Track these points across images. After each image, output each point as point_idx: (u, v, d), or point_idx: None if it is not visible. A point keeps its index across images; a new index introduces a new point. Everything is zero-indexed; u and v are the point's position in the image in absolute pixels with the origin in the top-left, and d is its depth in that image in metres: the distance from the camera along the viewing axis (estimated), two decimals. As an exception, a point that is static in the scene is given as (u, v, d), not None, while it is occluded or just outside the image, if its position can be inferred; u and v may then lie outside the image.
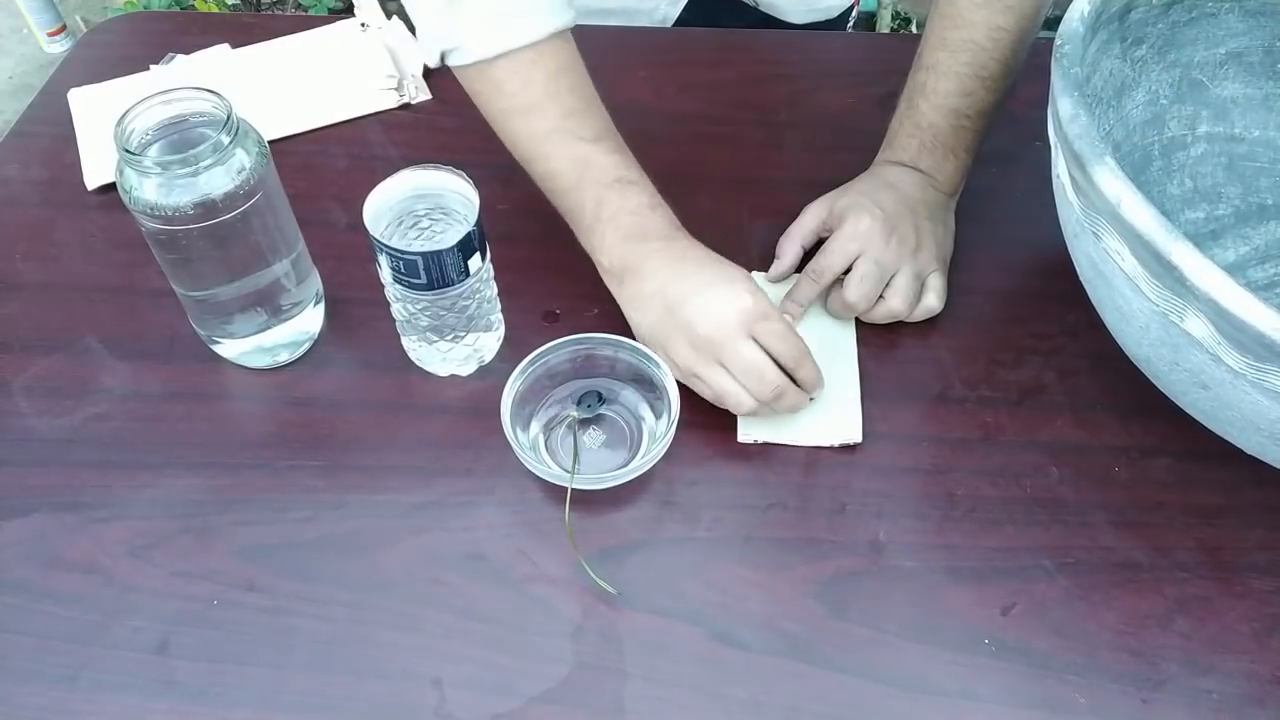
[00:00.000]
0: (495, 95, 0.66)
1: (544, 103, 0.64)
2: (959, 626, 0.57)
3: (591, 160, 0.64)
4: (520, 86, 0.64)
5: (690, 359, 0.62)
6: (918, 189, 0.71)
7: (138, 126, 0.58)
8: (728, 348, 0.61)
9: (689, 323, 0.61)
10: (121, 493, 0.62)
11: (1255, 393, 0.48)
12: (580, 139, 0.64)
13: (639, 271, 0.63)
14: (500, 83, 0.65)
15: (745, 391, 0.61)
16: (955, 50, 0.69)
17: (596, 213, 0.64)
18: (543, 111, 0.65)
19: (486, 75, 0.65)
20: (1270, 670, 0.55)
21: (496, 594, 0.58)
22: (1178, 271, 0.46)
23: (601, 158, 0.64)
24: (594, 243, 0.65)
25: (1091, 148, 0.51)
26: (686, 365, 0.62)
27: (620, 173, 0.64)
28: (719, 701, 0.54)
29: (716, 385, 0.62)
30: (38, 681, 0.55)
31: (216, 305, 0.64)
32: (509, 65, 0.64)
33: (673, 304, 0.62)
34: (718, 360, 0.61)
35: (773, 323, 0.62)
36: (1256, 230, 0.72)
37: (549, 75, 0.64)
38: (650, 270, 0.63)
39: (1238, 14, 0.69)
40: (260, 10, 2.29)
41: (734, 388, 0.61)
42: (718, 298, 0.61)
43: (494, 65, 0.64)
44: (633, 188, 0.64)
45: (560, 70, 0.65)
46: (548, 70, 0.64)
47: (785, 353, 0.61)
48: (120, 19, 0.99)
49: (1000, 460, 0.64)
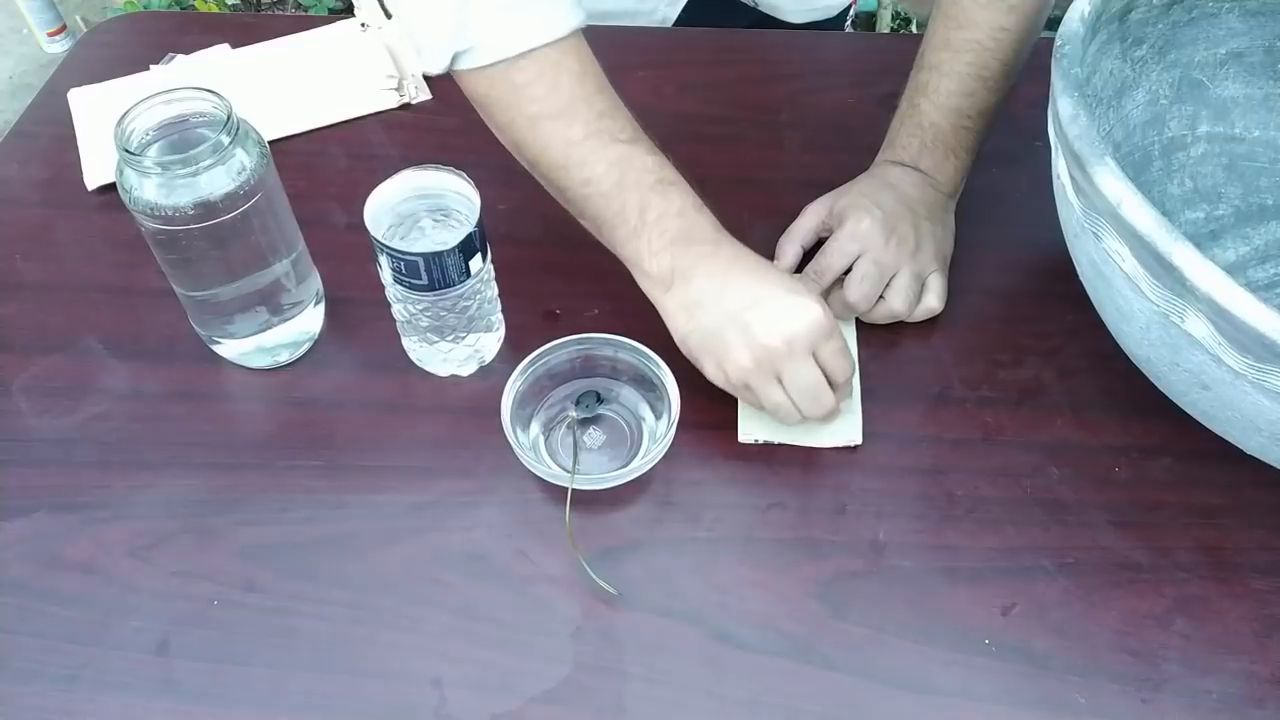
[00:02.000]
0: (517, 100, 0.62)
1: (576, 105, 0.61)
2: (959, 626, 0.57)
3: (631, 162, 0.61)
4: (547, 89, 0.61)
5: (745, 370, 0.59)
6: (918, 189, 0.71)
7: (138, 126, 0.58)
8: (790, 364, 0.58)
9: (753, 333, 0.58)
10: (121, 493, 0.62)
11: (1256, 393, 0.48)
12: (618, 140, 0.61)
13: (690, 276, 0.60)
14: (522, 86, 0.61)
15: (796, 408, 0.60)
16: (958, 50, 0.69)
17: (641, 217, 0.61)
18: (575, 115, 0.61)
19: (507, 78, 0.61)
20: (1270, 670, 0.55)
21: (496, 594, 0.58)
22: (1178, 272, 0.46)
23: (641, 159, 0.61)
24: (638, 248, 0.61)
25: (1092, 148, 0.51)
26: (740, 375, 0.60)
27: (661, 174, 0.61)
28: (719, 701, 0.54)
29: (769, 399, 0.60)
30: (38, 681, 0.55)
31: (216, 305, 0.64)
32: (532, 67, 0.61)
33: (732, 312, 0.59)
34: (776, 373, 0.59)
35: (835, 340, 0.60)
36: (1257, 230, 0.72)
37: (575, 77, 0.61)
38: (703, 275, 0.60)
39: (1238, 14, 0.69)
40: (260, 10, 2.29)
41: (787, 403, 0.60)
42: (787, 309, 0.58)
43: (515, 67, 0.61)
44: (674, 189, 0.61)
45: (584, 71, 0.62)
46: (573, 71, 0.61)
47: (838, 372, 0.60)
48: (120, 19, 0.99)
49: (1000, 460, 0.64)
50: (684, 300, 0.61)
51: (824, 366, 0.60)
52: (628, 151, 0.61)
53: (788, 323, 0.58)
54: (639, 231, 0.61)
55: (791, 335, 0.58)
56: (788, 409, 0.60)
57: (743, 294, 0.59)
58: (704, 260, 0.60)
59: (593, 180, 0.62)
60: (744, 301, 0.59)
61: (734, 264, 0.61)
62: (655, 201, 0.61)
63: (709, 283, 0.60)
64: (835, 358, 0.60)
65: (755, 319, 0.58)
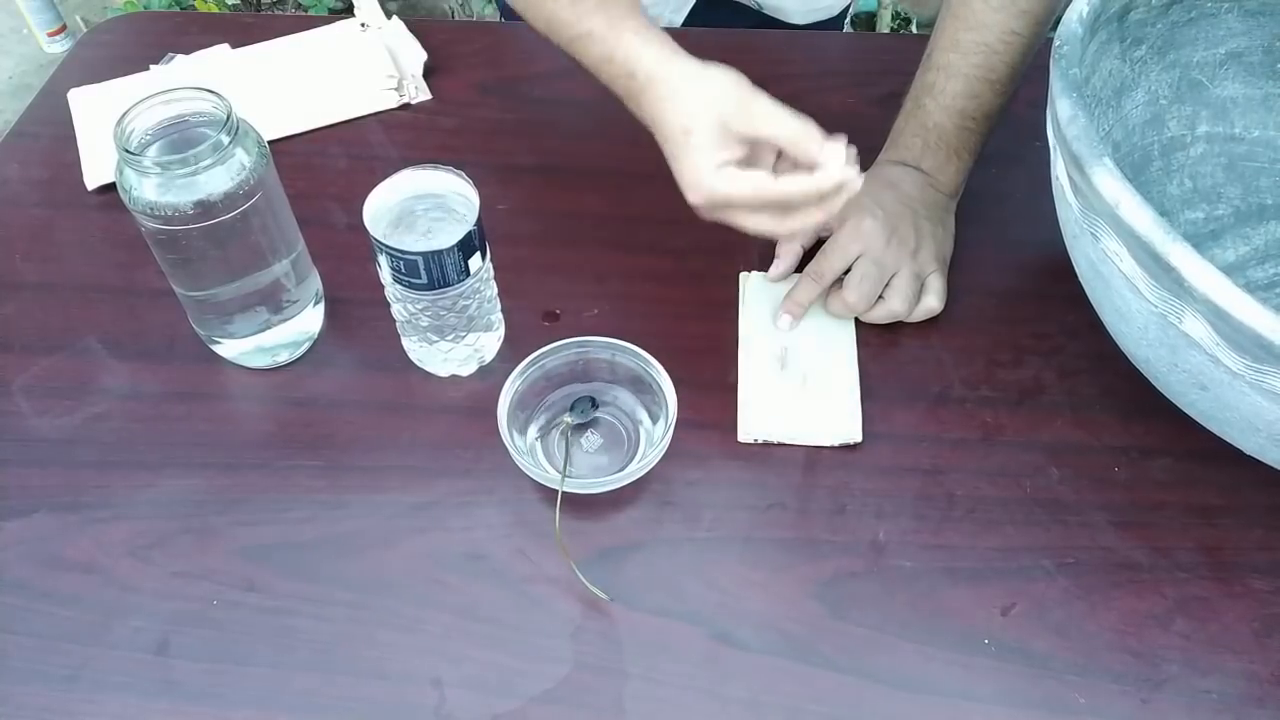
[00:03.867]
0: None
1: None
2: (959, 626, 0.57)
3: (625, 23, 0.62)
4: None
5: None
6: (918, 189, 0.71)
7: (138, 126, 0.58)
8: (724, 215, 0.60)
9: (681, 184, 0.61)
10: (121, 493, 0.62)
11: (1254, 393, 0.48)
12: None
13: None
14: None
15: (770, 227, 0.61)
16: (967, 52, 0.69)
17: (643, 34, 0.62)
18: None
19: None
20: (1270, 670, 0.55)
21: (496, 594, 0.58)
22: (1176, 273, 0.46)
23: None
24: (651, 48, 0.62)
25: (1090, 149, 0.51)
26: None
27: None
28: (719, 701, 0.54)
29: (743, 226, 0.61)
30: (38, 681, 0.55)
31: (216, 305, 0.64)
32: None
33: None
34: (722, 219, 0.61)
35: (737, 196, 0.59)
36: (1256, 230, 0.72)
37: None
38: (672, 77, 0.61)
39: (1237, 14, 0.69)
40: (260, 10, 2.29)
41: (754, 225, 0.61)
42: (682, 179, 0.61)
43: None
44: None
45: None
46: None
47: (755, 198, 0.59)
48: (120, 19, 0.99)
49: (1000, 460, 0.64)
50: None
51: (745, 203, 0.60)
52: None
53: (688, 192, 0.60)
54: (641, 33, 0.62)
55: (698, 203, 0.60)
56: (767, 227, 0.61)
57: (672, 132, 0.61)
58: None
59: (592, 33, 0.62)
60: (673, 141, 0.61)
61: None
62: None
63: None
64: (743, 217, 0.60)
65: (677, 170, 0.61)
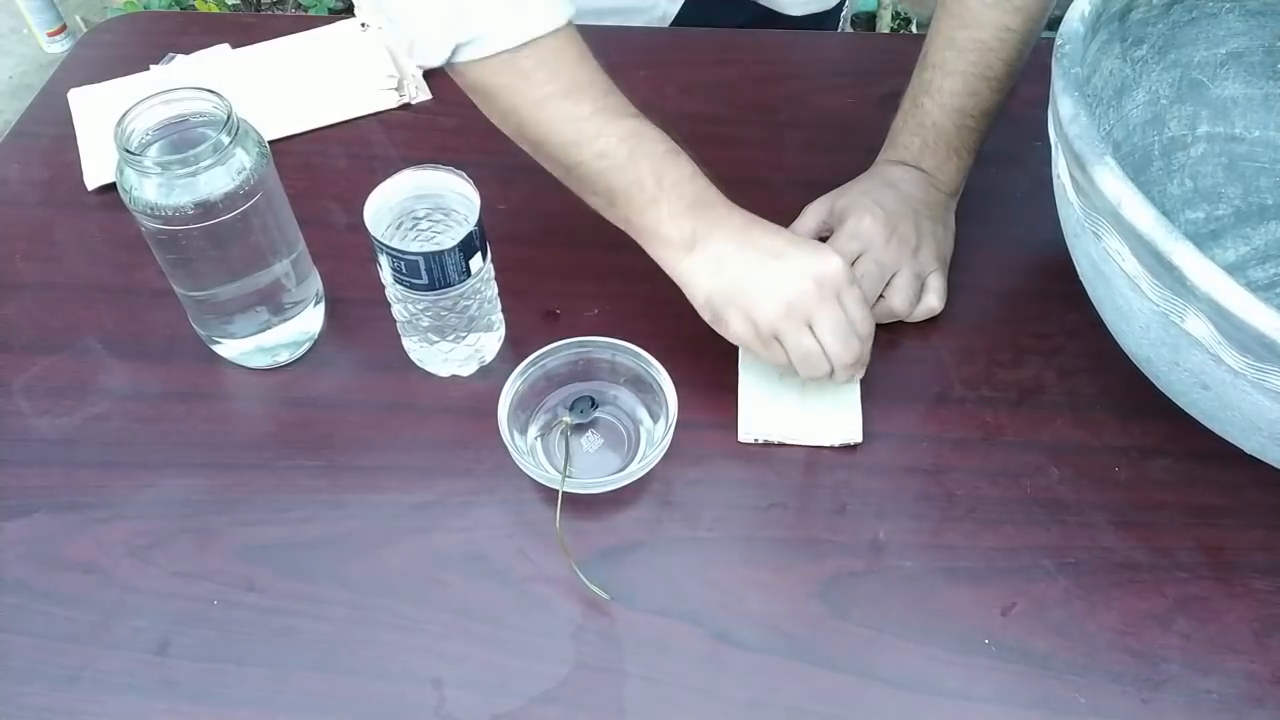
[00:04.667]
0: (524, 84, 0.63)
1: (582, 85, 0.62)
2: (959, 626, 0.57)
3: (642, 133, 0.62)
4: (551, 73, 0.62)
5: (776, 316, 0.60)
6: (919, 188, 0.71)
7: (138, 126, 0.58)
8: (822, 307, 0.60)
9: (783, 278, 0.60)
10: (121, 493, 0.62)
11: (1255, 393, 0.48)
12: (627, 114, 0.63)
13: (712, 234, 0.61)
14: (529, 71, 0.62)
15: (825, 355, 0.61)
16: (963, 50, 0.69)
17: (658, 184, 0.62)
18: (582, 94, 0.62)
19: (513, 65, 0.62)
20: (1270, 671, 0.55)
21: (496, 594, 0.58)
22: (1178, 272, 0.46)
23: (649, 130, 0.63)
24: (657, 214, 0.62)
25: (1092, 148, 0.51)
26: (770, 323, 0.60)
27: (669, 144, 0.63)
28: (719, 701, 0.54)
29: (800, 347, 0.61)
30: (38, 681, 0.55)
31: (216, 305, 0.64)
32: (535, 54, 0.61)
33: (758, 263, 0.61)
34: (807, 318, 0.60)
35: (857, 289, 0.61)
36: (1256, 230, 0.72)
37: (576, 60, 0.63)
38: (723, 234, 0.61)
39: (1238, 14, 0.69)
40: (260, 10, 2.29)
41: (817, 349, 0.60)
42: (812, 256, 0.61)
43: (520, 55, 0.61)
44: (683, 158, 0.63)
45: (584, 55, 0.63)
46: (574, 55, 0.63)
47: (860, 322, 0.61)
48: (120, 19, 0.99)
49: (1000, 460, 0.64)
50: (708, 257, 0.62)
51: (848, 315, 0.61)
52: (637, 124, 0.63)
53: (816, 267, 0.60)
54: (656, 199, 0.62)
55: (821, 277, 0.60)
56: (818, 356, 0.61)
57: (766, 248, 0.61)
58: (722, 220, 0.62)
59: (607, 152, 0.62)
60: (770, 252, 0.61)
61: (751, 224, 0.62)
62: (669, 168, 0.62)
63: (730, 241, 0.61)
64: (857, 306, 0.61)
65: (784, 267, 0.60)
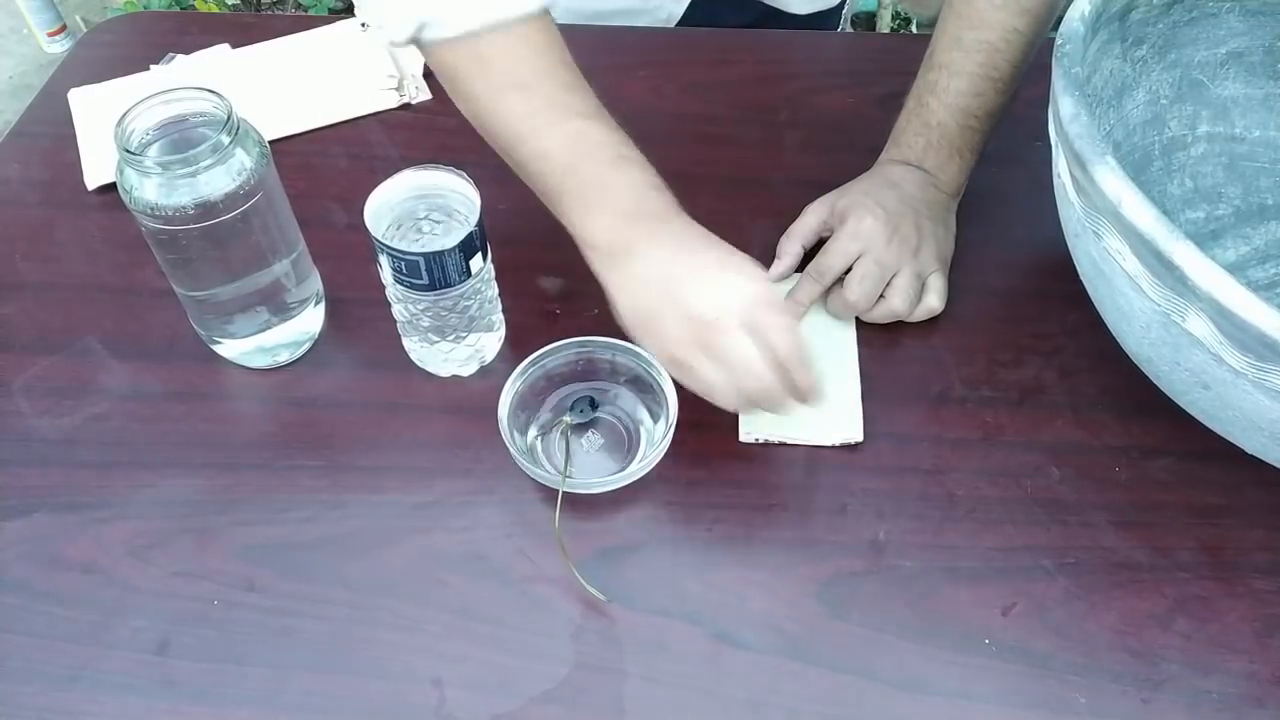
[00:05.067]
0: (480, 72, 0.61)
1: (536, 78, 0.61)
2: (959, 626, 0.57)
3: (587, 136, 0.60)
4: (511, 63, 0.61)
5: (676, 343, 0.56)
6: (920, 189, 0.71)
7: (138, 126, 0.58)
8: (720, 335, 0.55)
9: (684, 302, 0.56)
10: (121, 493, 0.62)
11: (1256, 392, 0.48)
12: (576, 114, 0.60)
13: (634, 250, 0.58)
14: (488, 58, 0.61)
15: (730, 387, 0.56)
16: (969, 50, 0.69)
17: (595, 187, 0.59)
18: (536, 88, 0.60)
19: (475, 49, 0.61)
20: (1270, 670, 0.55)
21: (496, 594, 0.58)
22: (1179, 271, 0.46)
23: (597, 134, 0.60)
24: (588, 222, 0.59)
25: (1092, 147, 0.51)
26: (670, 351, 0.57)
27: (619, 150, 0.60)
28: (719, 701, 0.54)
29: (701, 378, 0.57)
30: (38, 681, 0.55)
31: (216, 305, 0.64)
32: (498, 40, 0.60)
33: (669, 283, 0.56)
34: (705, 348, 0.56)
35: (776, 316, 0.56)
36: (1257, 230, 0.72)
37: (537, 51, 0.61)
38: (647, 249, 0.58)
39: (1238, 14, 0.69)
40: (260, 10, 2.29)
41: (720, 381, 0.56)
42: (721, 280, 0.56)
43: (481, 40, 0.60)
44: (631, 166, 0.60)
45: (548, 46, 0.62)
46: (536, 46, 0.61)
47: (782, 350, 0.55)
48: (120, 19, 0.99)
49: (1000, 460, 0.63)
50: (627, 275, 0.58)
51: (768, 342, 0.55)
52: (584, 126, 0.60)
53: (717, 290, 0.56)
54: (589, 206, 0.60)
55: (720, 303, 0.55)
56: (722, 389, 0.56)
57: (683, 266, 0.57)
58: (651, 236, 0.58)
59: (547, 154, 0.61)
60: (683, 273, 0.57)
61: (683, 239, 0.58)
62: (608, 175, 0.60)
63: (652, 258, 0.58)
64: (775, 333, 0.55)
65: (688, 289, 0.56)
